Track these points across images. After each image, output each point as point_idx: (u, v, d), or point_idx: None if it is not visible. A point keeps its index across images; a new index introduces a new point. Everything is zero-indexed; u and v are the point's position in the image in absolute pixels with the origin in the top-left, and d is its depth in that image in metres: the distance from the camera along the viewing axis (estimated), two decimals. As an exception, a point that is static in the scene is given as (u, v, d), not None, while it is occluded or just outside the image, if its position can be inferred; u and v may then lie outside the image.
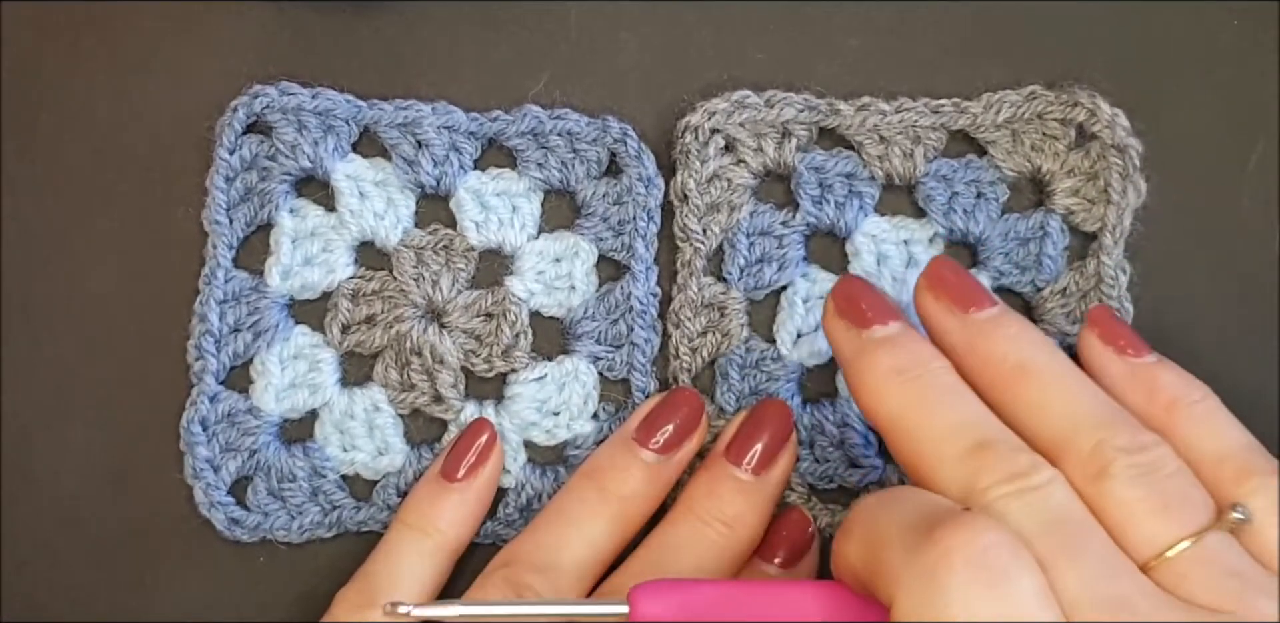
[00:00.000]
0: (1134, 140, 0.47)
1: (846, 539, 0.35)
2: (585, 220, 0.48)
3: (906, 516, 0.33)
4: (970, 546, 0.30)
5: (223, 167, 0.48)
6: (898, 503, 0.34)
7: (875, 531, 0.33)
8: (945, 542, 0.30)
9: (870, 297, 0.41)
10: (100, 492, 0.48)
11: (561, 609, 0.39)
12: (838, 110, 0.48)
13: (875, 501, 0.35)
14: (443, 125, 0.48)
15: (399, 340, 0.47)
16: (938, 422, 0.37)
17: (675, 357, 0.47)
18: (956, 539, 0.30)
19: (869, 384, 0.39)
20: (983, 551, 0.30)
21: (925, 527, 0.31)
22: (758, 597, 0.38)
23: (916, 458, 0.37)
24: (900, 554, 0.32)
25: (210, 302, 0.47)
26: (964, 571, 0.30)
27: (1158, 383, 0.40)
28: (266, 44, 0.50)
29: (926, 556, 0.31)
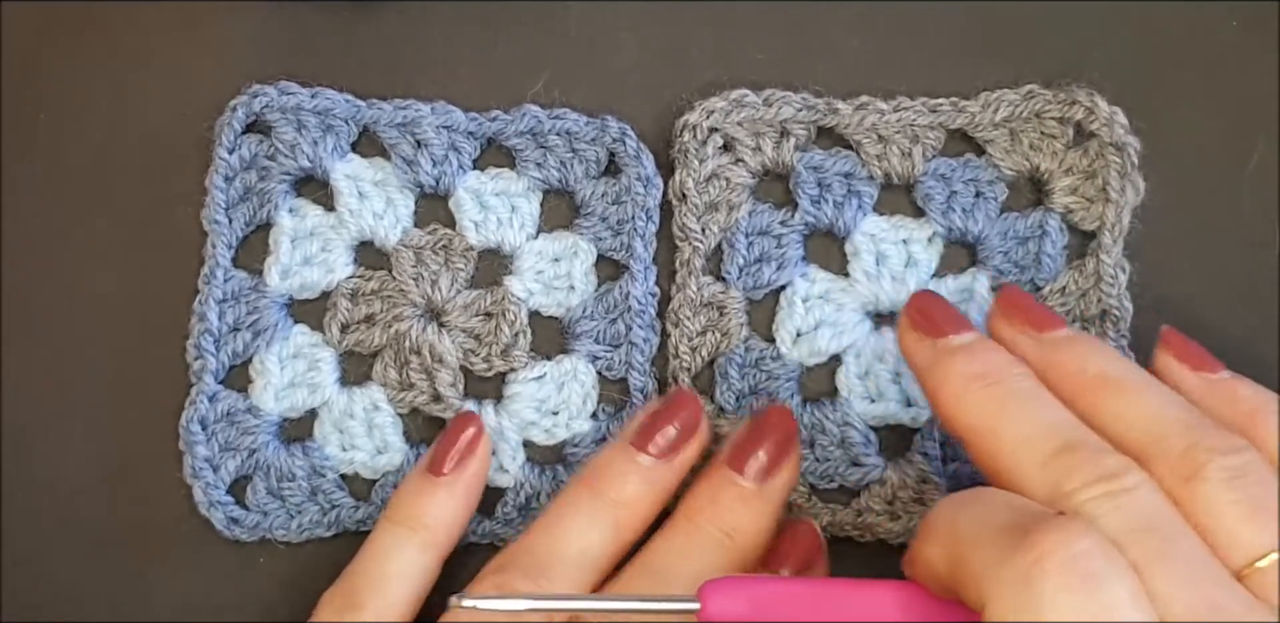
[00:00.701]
0: (1132, 138, 0.46)
1: (929, 542, 0.34)
2: (584, 220, 0.48)
3: (995, 519, 0.33)
4: (1064, 550, 0.30)
5: (222, 166, 0.48)
6: (983, 506, 0.34)
7: (962, 534, 0.33)
8: (1039, 547, 0.30)
9: (944, 309, 0.41)
10: (100, 491, 0.48)
11: (630, 605, 0.39)
12: (836, 109, 0.48)
13: (958, 503, 0.35)
14: (442, 125, 0.48)
15: (398, 340, 0.47)
16: (1021, 427, 0.37)
17: (674, 356, 0.47)
18: (1050, 544, 0.30)
19: (948, 393, 0.39)
20: (1077, 555, 0.30)
21: (1017, 531, 0.31)
22: (833, 595, 0.38)
23: (1000, 464, 0.37)
24: (991, 559, 0.31)
25: (209, 301, 0.47)
26: (1058, 576, 0.30)
27: (1237, 395, 0.40)
28: (266, 44, 0.50)
29: (1020, 561, 0.30)
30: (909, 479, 0.46)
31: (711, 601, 0.37)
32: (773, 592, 0.38)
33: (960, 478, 0.46)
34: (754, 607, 0.37)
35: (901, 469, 0.46)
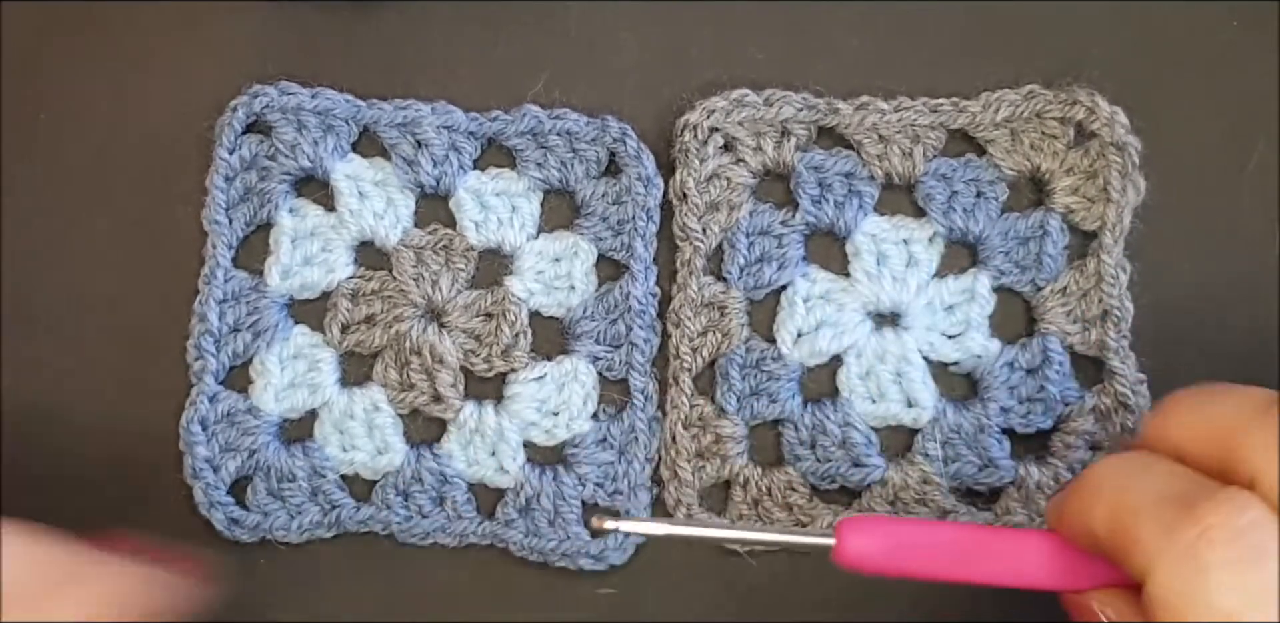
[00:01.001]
0: (1133, 138, 0.47)
1: (1092, 501, 0.34)
2: (584, 220, 0.48)
3: (1161, 488, 0.33)
4: (1231, 523, 0.30)
5: (222, 166, 0.48)
6: (1150, 473, 0.34)
7: (1127, 500, 0.33)
8: (1205, 519, 0.30)
9: None
10: (100, 492, 0.47)
11: (769, 536, 0.39)
12: (837, 109, 0.48)
13: (1124, 467, 0.34)
14: (442, 125, 0.48)
15: (398, 340, 0.47)
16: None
17: (675, 356, 0.47)
18: (1217, 517, 0.30)
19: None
20: (1242, 529, 0.30)
21: (1184, 502, 0.31)
22: (972, 540, 0.37)
23: None
24: (1157, 529, 0.31)
25: (210, 301, 0.47)
26: (1225, 549, 0.30)
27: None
28: (266, 44, 0.50)
29: (1186, 533, 0.31)
30: (910, 480, 0.46)
31: (848, 538, 0.37)
32: (911, 533, 0.37)
33: (961, 478, 0.46)
34: (891, 546, 0.37)
35: (903, 470, 0.46)
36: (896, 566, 0.37)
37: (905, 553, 0.37)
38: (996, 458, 0.46)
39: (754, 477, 0.46)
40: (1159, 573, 0.31)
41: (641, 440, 0.47)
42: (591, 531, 0.40)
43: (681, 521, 0.40)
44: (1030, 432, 0.46)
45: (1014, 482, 0.46)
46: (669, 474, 0.47)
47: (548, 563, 0.46)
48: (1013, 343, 0.47)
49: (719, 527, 0.40)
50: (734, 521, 0.46)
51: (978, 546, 0.37)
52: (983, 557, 0.37)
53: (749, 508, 0.46)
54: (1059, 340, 0.46)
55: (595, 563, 0.46)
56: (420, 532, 0.46)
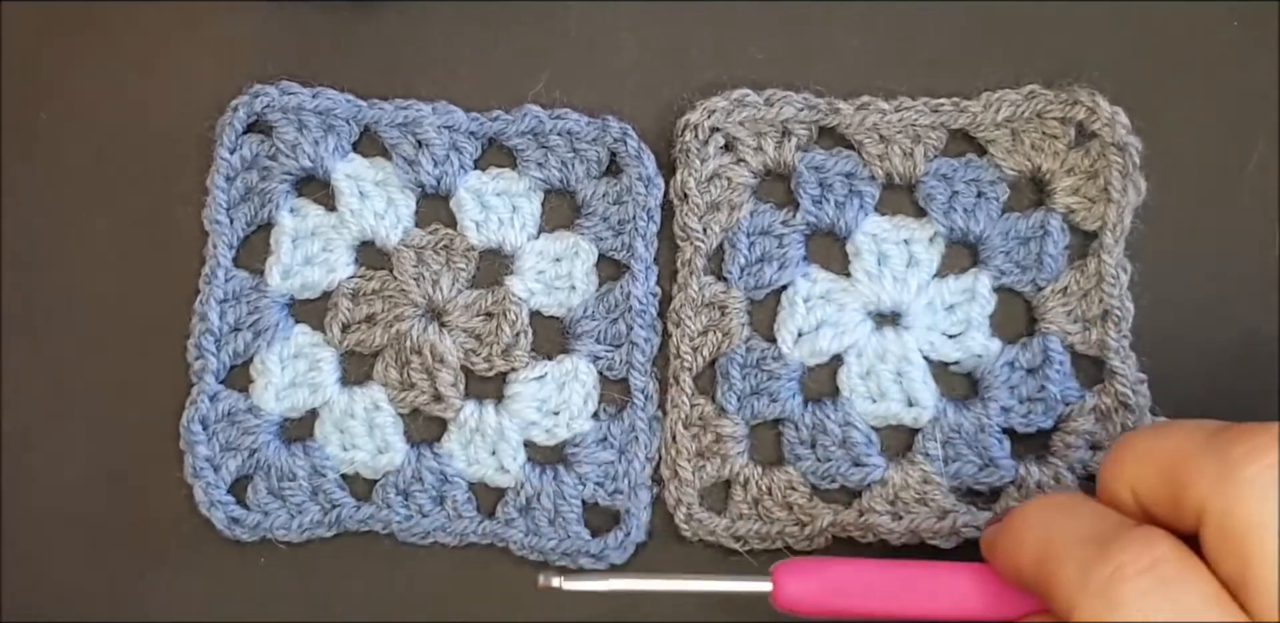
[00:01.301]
0: (1134, 138, 0.47)
1: (1019, 541, 0.36)
2: (585, 220, 0.48)
3: (1082, 529, 0.35)
4: (1140, 560, 0.32)
5: (223, 166, 0.48)
6: (1074, 515, 0.36)
7: (1050, 540, 0.35)
8: (1117, 558, 0.33)
9: None
10: (100, 492, 0.48)
11: (707, 585, 0.40)
12: (838, 109, 0.48)
13: (1050, 508, 0.36)
14: (443, 125, 0.48)
15: (399, 340, 0.47)
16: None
17: (676, 356, 0.47)
18: (1127, 555, 0.33)
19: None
20: (1152, 564, 0.32)
21: (1100, 542, 0.33)
22: (907, 578, 0.39)
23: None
24: (1076, 569, 0.33)
25: (210, 301, 0.47)
26: (1135, 584, 0.32)
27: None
28: (266, 44, 0.50)
29: (1100, 572, 0.33)
30: (911, 480, 0.46)
31: (784, 582, 0.39)
32: (846, 574, 0.39)
33: (961, 478, 0.46)
34: (827, 588, 0.38)
35: (903, 469, 0.46)
36: (833, 606, 0.39)
37: (841, 594, 0.38)
38: (997, 458, 0.46)
39: (754, 476, 0.46)
40: (1078, 611, 0.33)
41: (642, 440, 0.47)
42: (540, 587, 0.40)
43: (624, 575, 0.42)
44: (1031, 431, 0.46)
45: (1014, 481, 0.46)
46: (669, 474, 0.47)
47: (548, 562, 0.46)
48: (1013, 343, 0.47)
49: (660, 579, 0.41)
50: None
51: (912, 583, 0.38)
52: (918, 593, 0.38)
53: (749, 508, 0.46)
54: (1059, 340, 0.46)
55: (595, 562, 0.46)
56: (420, 531, 0.46)
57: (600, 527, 0.47)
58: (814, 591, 0.38)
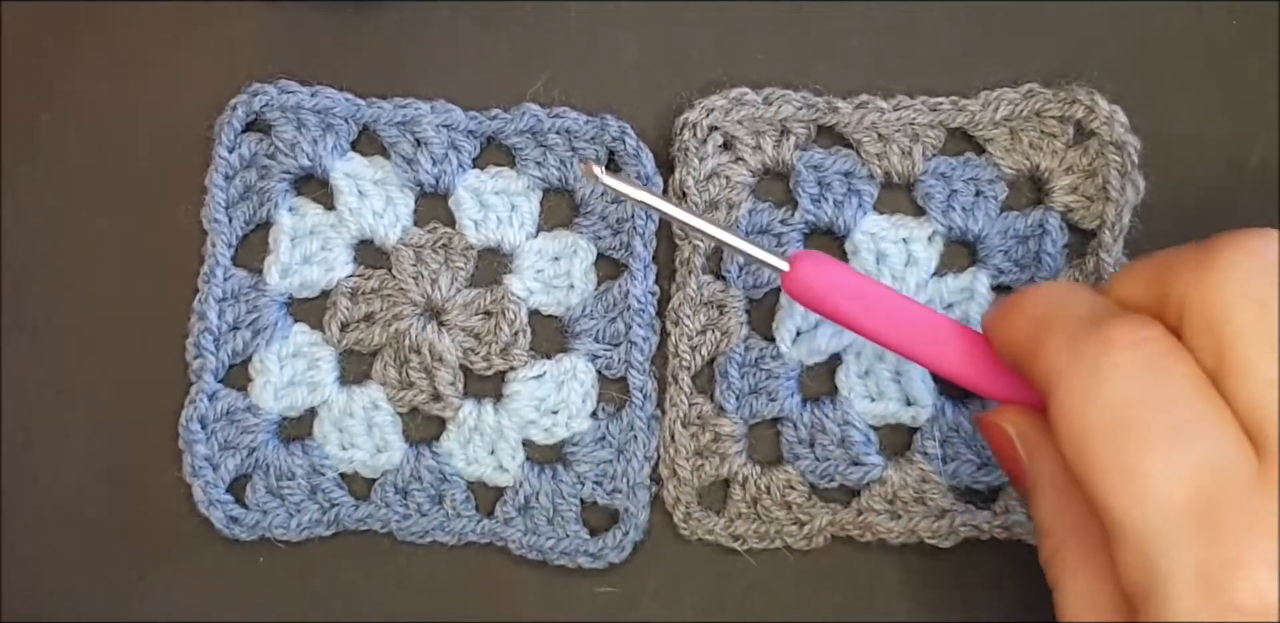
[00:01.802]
0: (1132, 137, 0.46)
1: (1016, 315, 0.37)
2: (584, 219, 0.48)
3: (1079, 310, 0.35)
4: (1131, 337, 0.33)
5: (222, 165, 0.48)
6: (1073, 298, 0.36)
7: (1047, 316, 0.36)
8: (1108, 334, 0.33)
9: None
10: (100, 491, 0.48)
11: (732, 241, 0.42)
12: (836, 108, 0.48)
13: (1053, 290, 0.37)
14: (441, 124, 0.48)
15: (398, 338, 0.47)
16: None
17: (674, 355, 0.47)
18: (1119, 331, 0.33)
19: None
20: (1143, 341, 0.33)
21: (1093, 321, 0.34)
22: (909, 312, 0.41)
23: None
24: (1066, 339, 0.34)
25: (209, 300, 0.47)
26: (1123, 355, 0.33)
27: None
28: (266, 43, 0.50)
29: (1089, 347, 0.33)
30: (909, 479, 0.46)
31: (798, 268, 0.41)
32: (858, 283, 0.41)
33: (960, 477, 0.46)
34: (834, 288, 0.40)
35: (902, 469, 0.46)
36: (833, 306, 0.41)
37: (845, 297, 0.41)
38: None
39: (753, 475, 0.46)
40: (1062, 380, 0.33)
41: (640, 439, 0.47)
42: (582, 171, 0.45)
43: (660, 197, 0.43)
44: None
45: (1013, 481, 0.46)
46: (668, 473, 0.47)
47: (546, 562, 0.46)
48: (1012, 342, 0.47)
49: (691, 215, 0.43)
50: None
51: (912, 318, 0.40)
52: (913, 329, 0.40)
53: (747, 507, 0.46)
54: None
55: (594, 562, 0.46)
56: (419, 530, 0.46)
57: (599, 526, 0.47)
58: (822, 285, 0.40)
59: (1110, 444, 0.32)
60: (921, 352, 0.40)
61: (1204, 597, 0.30)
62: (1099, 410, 0.32)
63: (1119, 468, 0.32)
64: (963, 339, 0.40)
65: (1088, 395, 0.33)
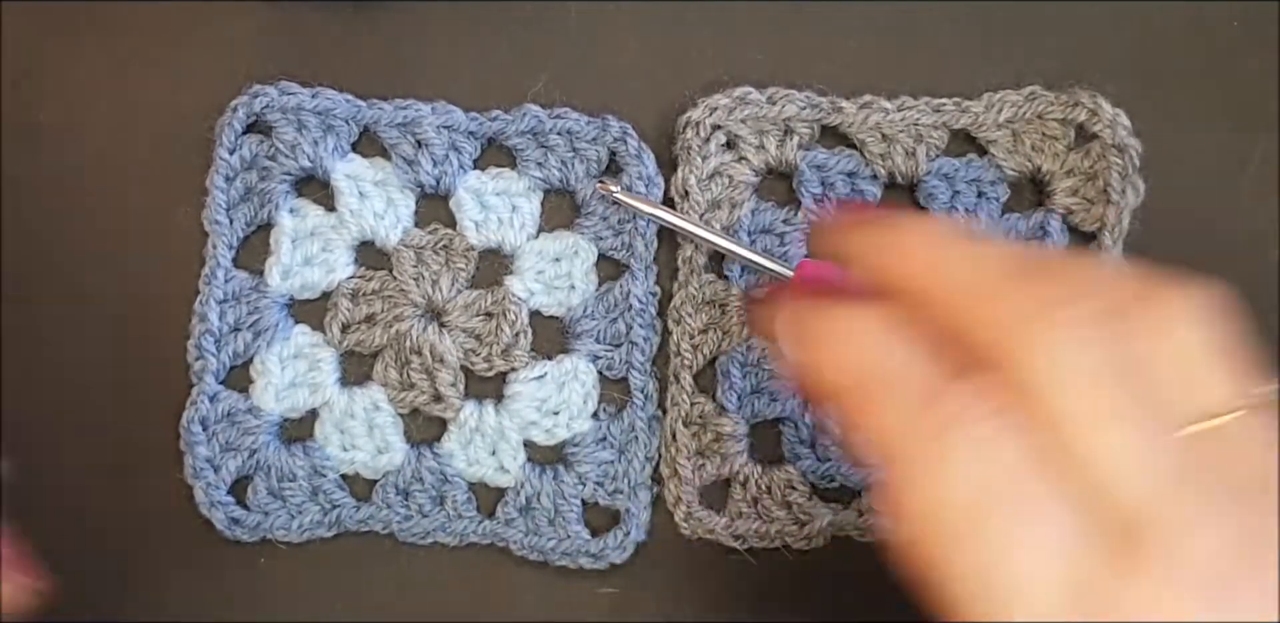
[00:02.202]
0: (1134, 140, 0.47)
1: (831, 360, 0.33)
2: (585, 219, 0.48)
3: (906, 370, 0.32)
4: (971, 413, 0.30)
5: (223, 166, 0.48)
6: (889, 351, 0.32)
7: (871, 372, 0.32)
8: (944, 408, 0.30)
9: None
10: (101, 492, 0.47)
11: (743, 252, 0.44)
12: (840, 108, 0.48)
13: (868, 333, 0.33)
14: (442, 125, 0.48)
15: (399, 340, 0.47)
16: None
17: (676, 354, 0.47)
18: (955, 406, 0.30)
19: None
20: (982, 417, 0.30)
21: (927, 390, 0.31)
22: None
23: None
24: (899, 414, 0.31)
25: (210, 301, 0.47)
26: (964, 434, 0.30)
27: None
28: (266, 44, 0.50)
29: (926, 423, 0.30)
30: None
31: (803, 277, 0.43)
32: (861, 290, 0.40)
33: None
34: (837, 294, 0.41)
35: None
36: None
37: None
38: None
39: (754, 475, 0.46)
40: (901, 459, 0.30)
41: (641, 439, 0.47)
42: (599, 192, 0.47)
43: (675, 212, 0.46)
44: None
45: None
46: (669, 472, 0.47)
47: (548, 562, 0.46)
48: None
49: (700, 227, 0.46)
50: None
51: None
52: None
53: (748, 506, 0.46)
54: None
55: (595, 562, 0.46)
56: (420, 531, 0.46)
57: (600, 526, 0.47)
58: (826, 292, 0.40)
59: (963, 546, 0.29)
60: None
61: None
62: (947, 504, 0.30)
63: (978, 569, 0.29)
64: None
65: (934, 483, 0.30)
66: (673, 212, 0.46)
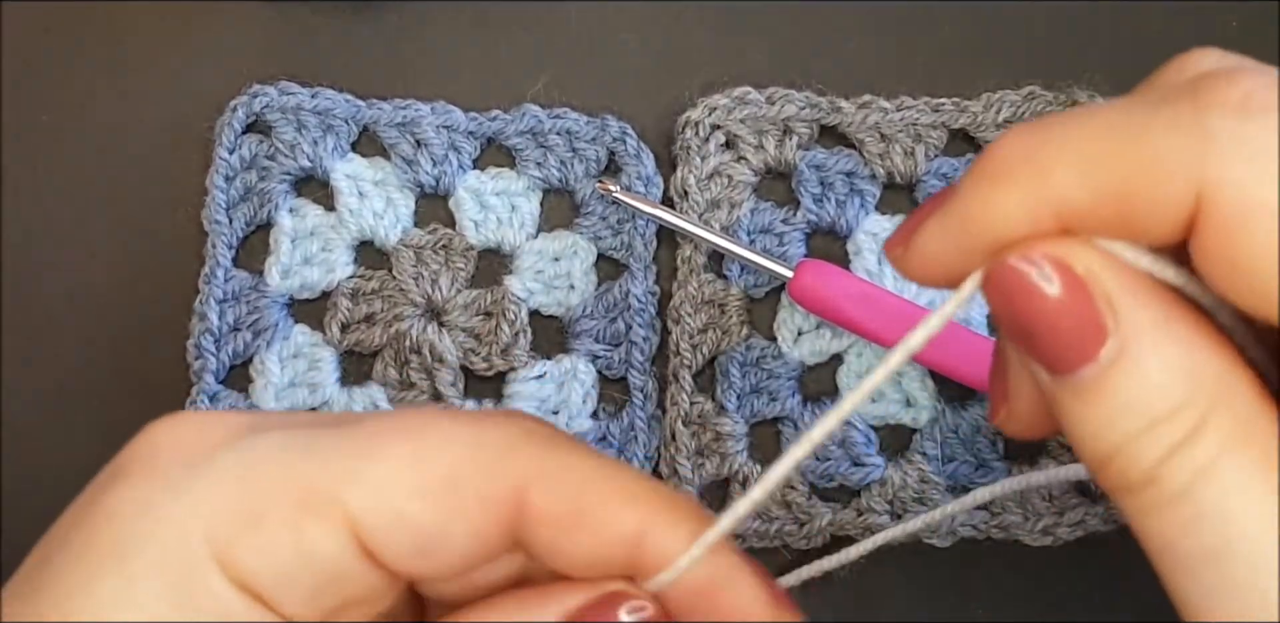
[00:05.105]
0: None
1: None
2: (584, 219, 0.48)
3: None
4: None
5: (222, 166, 0.48)
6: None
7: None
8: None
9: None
10: (100, 492, 0.47)
11: (743, 252, 0.45)
12: (839, 108, 0.48)
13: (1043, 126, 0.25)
14: (442, 125, 0.48)
15: (398, 339, 0.47)
16: None
17: (675, 354, 0.47)
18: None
19: None
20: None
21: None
22: (910, 310, 0.42)
23: None
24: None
25: (210, 301, 0.47)
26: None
27: None
28: (266, 44, 0.50)
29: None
30: (910, 479, 0.46)
31: (803, 275, 0.44)
32: (861, 289, 0.42)
33: (959, 478, 0.46)
34: (838, 293, 0.42)
35: (902, 469, 0.46)
36: (837, 310, 0.43)
37: (849, 303, 0.43)
38: (989, 459, 0.46)
39: (753, 475, 0.46)
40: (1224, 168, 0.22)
41: (641, 439, 0.47)
42: (599, 191, 0.47)
43: (674, 212, 0.46)
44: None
45: (1010, 483, 0.46)
46: (668, 472, 0.47)
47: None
48: (1013, 342, 0.47)
49: (699, 227, 0.46)
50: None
51: (913, 320, 0.41)
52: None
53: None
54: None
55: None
56: (420, 531, 0.46)
57: (600, 526, 0.47)
58: (826, 292, 0.42)
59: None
60: (923, 352, 0.40)
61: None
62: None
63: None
64: (964, 339, 0.40)
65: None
66: (672, 211, 0.46)
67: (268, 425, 0.29)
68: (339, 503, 0.26)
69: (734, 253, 0.46)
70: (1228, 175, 0.22)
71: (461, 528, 0.27)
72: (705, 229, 0.46)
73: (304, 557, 0.26)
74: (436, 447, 0.27)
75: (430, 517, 0.27)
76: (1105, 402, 0.24)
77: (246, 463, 0.27)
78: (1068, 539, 0.45)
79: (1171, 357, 0.23)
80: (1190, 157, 0.22)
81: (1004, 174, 0.24)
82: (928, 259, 0.26)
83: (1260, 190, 0.22)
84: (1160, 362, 0.23)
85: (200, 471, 0.27)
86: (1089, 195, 0.23)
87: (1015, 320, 0.25)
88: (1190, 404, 0.23)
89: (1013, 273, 0.24)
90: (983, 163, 0.25)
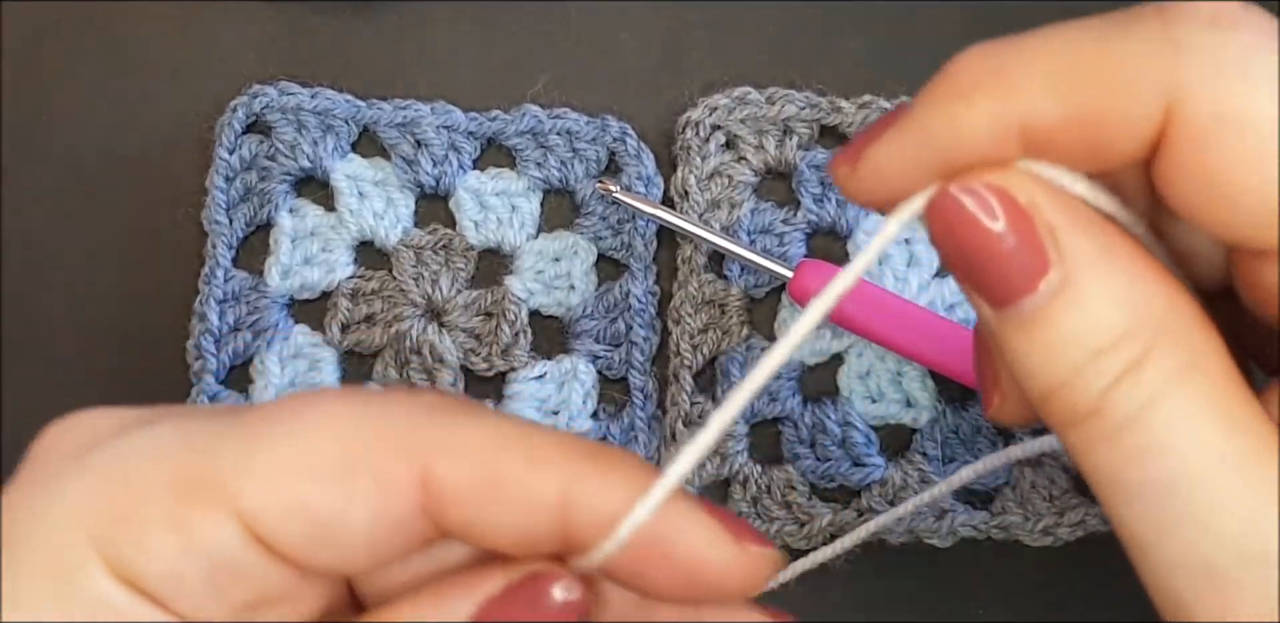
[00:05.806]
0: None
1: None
2: (584, 219, 0.48)
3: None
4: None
5: (222, 166, 0.48)
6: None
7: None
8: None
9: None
10: (100, 492, 0.47)
11: (743, 252, 0.45)
12: (839, 108, 0.48)
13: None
14: (442, 125, 0.48)
15: (398, 340, 0.47)
16: None
17: (675, 354, 0.47)
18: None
19: None
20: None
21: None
22: (910, 310, 0.42)
23: None
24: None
25: (210, 301, 0.47)
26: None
27: None
28: (266, 44, 0.50)
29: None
30: (910, 479, 0.46)
31: (803, 275, 0.44)
32: (861, 289, 0.42)
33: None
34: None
35: (902, 469, 0.46)
36: (837, 311, 0.42)
37: (850, 303, 0.42)
38: (992, 459, 0.46)
39: (754, 475, 0.46)
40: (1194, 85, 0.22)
41: (641, 439, 0.47)
42: (599, 192, 0.47)
43: (674, 212, 0.46)
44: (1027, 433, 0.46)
45: (1009, 483, 0.46)
46: (669, 472, 0.46)
47: (548, 562, 0.46)
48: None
49: (699, 227, 0.46)
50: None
51: (914, 320, 0.41)
52: (915, 330, 0.42)
53: (748, 506, 0.46)
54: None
55: (595, 562, 0.46)
56: (420, 531, 0.46)
57: (600, 526, 0.47)
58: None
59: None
60: (924, 352, 0.40)
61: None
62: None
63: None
64: (963, 339, 0.40)
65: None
66: (672, 211, 0.46)
67: (158, 418, 0.27)
68: (225, 493, 0.25)
69: (734, 253, 0.45)
70: (1200, 87, 0.22)
71: (362, 513, 0.25)
72: (705, 229, 0.46)
73: (192, 551, 0.25)
74: (325, 428, 0.26)
75: (324, 502, 0.25)
76: (1048, 334, 0.24)
77: (123, 457, 0.26)
78: (1068, 539, 0.45)
79: (1115, 287, 0.23)
80: (1160, 69, 0.22)
81: (969, 89, 0.24)
82: (879, 178, 0.25)
83: (1233, 101, 0.22)
84: (1103, 292, 0.23)
85: (79, 468, 0.27)
86: (1057, 110, 0.23)
87: (957, 251, 0.24)
88: (1134, 334, 0.23)
89: (954, 203, 0.24)
90: (945, 79, 0.25)
